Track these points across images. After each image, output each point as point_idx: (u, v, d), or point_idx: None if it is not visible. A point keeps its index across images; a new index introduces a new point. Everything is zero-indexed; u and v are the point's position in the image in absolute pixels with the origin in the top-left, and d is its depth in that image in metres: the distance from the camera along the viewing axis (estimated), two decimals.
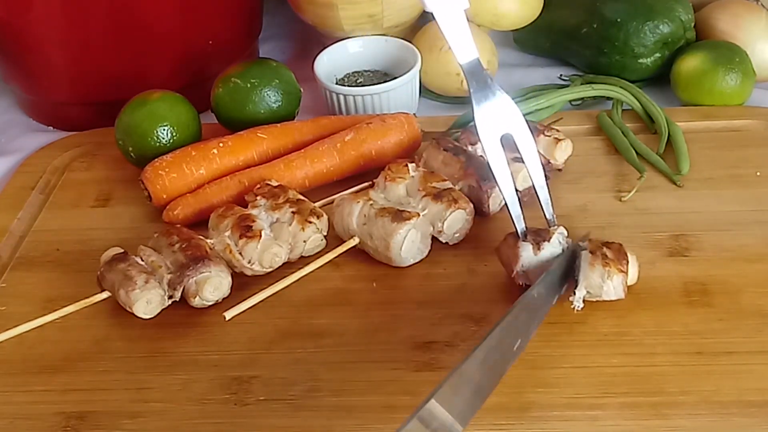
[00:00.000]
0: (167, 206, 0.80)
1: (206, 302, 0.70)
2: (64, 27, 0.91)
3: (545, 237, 0.69)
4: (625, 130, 0.86)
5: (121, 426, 0.62)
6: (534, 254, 0.68)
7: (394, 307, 0.70)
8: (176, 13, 0.92)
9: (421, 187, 0.74)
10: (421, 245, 0.73)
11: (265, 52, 1.09)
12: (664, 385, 0.61)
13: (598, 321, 0.66)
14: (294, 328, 0.69)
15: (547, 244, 0.68)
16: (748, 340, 0.64)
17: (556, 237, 0.69)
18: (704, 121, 0.87)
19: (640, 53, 0.94)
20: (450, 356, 0.65)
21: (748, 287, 0.68)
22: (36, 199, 0.86)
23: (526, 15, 0.99)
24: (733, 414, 0.59)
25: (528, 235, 0.69)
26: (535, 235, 0.69)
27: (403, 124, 0.84)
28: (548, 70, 1.02)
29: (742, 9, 0.96)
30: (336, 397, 0.63)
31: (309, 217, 0.73)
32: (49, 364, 0.67)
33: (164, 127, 0.84)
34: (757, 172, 0.80)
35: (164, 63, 0.94)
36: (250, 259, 0.71)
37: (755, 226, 0.74)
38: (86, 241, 0.79)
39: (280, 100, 0.87)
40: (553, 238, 0.69)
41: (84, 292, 0.70)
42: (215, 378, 0.65)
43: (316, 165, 0.81)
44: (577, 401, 0.61)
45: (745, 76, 0.90)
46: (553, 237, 0.69)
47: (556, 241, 0.69)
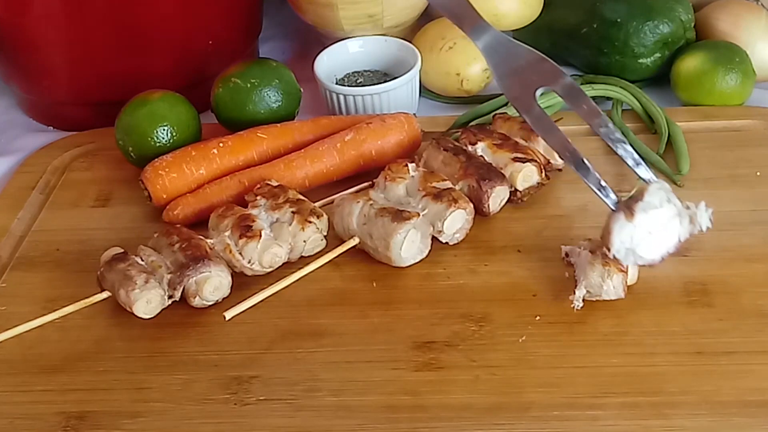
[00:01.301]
0: (167, 206, 0.80)
1: (206, 302, 0.70)
2: (64, 27, 0.91)
3: (638, 197, 0.56)
4: (625, 130, 0.86)
5: (121, 426, 0.62)
6: (627, 221, 0.56)
7: (394, 307, 0.70)
8: (176, 13, 0.92)
9: (421, 187, 0.74)
10: (421, 245, 0.73)
11: (265, 52, 1.09)
12: (664, 385, 0.61)
13: (598, 321, 0.66)
14: (294, 328, 0.69)
15: (644, 205, 0.56)
16: (748, 340, 0.64)
17: (655, 194, 0.56)
18: (704, 121, 0.87)
19: (640, 53, 0.94)
20: (450, 356, 0.65)
21: (748, 287, 0.68)
22: (36, 199, 0.86)
23: (526, 15, 0.99)
24: (733, 414, 0.59)
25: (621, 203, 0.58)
26: (627, 200, 0.56)
27: (403, 124, 0.84)
28: None
29: (742, 9, 0.96)
30: (336, 397, 0.63)
31: (309, 217, 0.73)
32: (49, 364, 0.67)
33: (164, 127, 0.84)
34: (757, 172, 0.80)
35: (164, 63, 0.94)
36: (250, 259, 0.71)
37: (755, 226, 0.74)
38: (86, 241, 0.79)
39: (280, 100, 0.87)
40: (650, 195, 0.56)
41: (84, 292, 0.70)
42: (215, 378, 0.65)
43: (316, 165, 0.81)
44: (577, 401, 0.61)
45: (745, 76, 0.90)
46: (650, 194, 0.56)
47: (656, 200, 0.56)
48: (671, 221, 0.58)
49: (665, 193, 0.58)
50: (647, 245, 0.59)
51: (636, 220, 0.56)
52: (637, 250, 0.58)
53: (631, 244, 0.58)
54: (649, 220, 0.57)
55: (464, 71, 0.94)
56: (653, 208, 0.57)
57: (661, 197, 0.58)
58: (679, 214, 0.59)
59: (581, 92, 0.65)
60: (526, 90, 0.64)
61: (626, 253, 0.58)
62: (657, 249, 0.60)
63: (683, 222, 0.59)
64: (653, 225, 0.57)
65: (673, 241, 0.60)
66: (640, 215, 0.56)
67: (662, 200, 0.58)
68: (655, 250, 0.60)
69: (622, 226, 0.57)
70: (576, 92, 0.65)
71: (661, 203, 0.58)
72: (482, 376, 0.63)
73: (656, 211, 0.57)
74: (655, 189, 0.57)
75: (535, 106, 0.64)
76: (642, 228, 0.57)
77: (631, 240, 0.57)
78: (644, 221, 0.57)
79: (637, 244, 0.58)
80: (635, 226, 0.56)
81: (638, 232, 0.57)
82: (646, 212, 0.57)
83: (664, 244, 0.60)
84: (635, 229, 0.57)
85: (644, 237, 0.57)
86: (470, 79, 0.94)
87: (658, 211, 0.57)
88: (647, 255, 0.59)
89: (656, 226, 0.57)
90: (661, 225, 0.58)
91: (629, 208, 0.56)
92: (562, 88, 0.64)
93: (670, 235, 0.60)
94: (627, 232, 0.57)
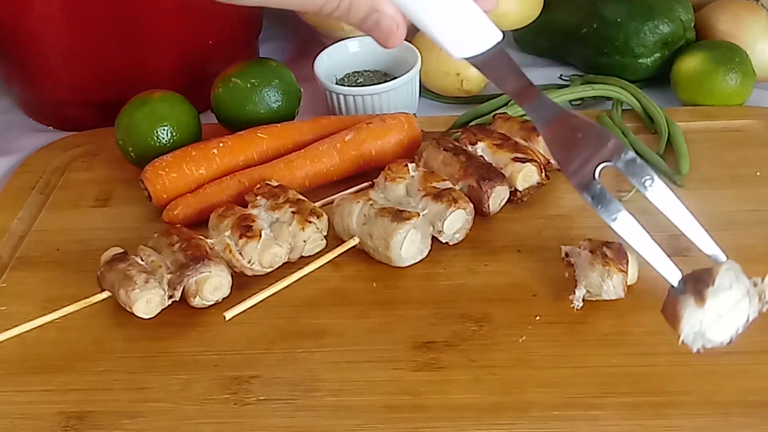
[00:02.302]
0: (167, 206, 0.80)
1: (206, 302, 0.70)
2: (64, 27, 0.91)
3: (707, 280, 0.53)
4: (625, 130, 0.86)
5: (121, 426, 0.62)
6: (698, 307, 0.54)
7: (394, 307, 0.70)
8: (176, 13, 0.92)
9: (421, 187, 0.74)
10: (421, 245, 0.73)
11: (265, 52, 1.09)
12: (664, 385, 0.61)
13: (598, 321, 0.66)
14: (294, 328, 0.69)
15: (715, 290, 0.53)
16: (748, 340, 0.64)
17: (725, 276, 0.54)
18: (704, 121, 0.87)
19: (640, 53, 0.94)
20: (450, 356, 0.65)
21: None
22: (36, 199, 0.86)
23: (526, 15, 0.99)
24: (733, 414, 0.59)
25: (686, 283, 0.54)
26: (694, 281, 0.54)
27: (403, 124, 0.84)
28: (548, 70, 1.02)
29: (742, 9, 0.96)
30: (336, 397, 0.63)
31: (309, 217, 0.73)
32: (49, 364, 0.67)
33: (164, 127, 0.83)
34: (757, 172, 0.80)
35: (164, 63, 0.94)
36: (250, 259, 0.71)
37: (755, 226, 0.74)
38: (86, 241, 0.79)
39: (280, 100, 0.87)
40: (720, 277, 0.53)
41: (84, 292, 0.70)
42: (215, 378, 0.65)
43: (316, 165, 0.81)
44: (577, 401, 0.61)
45: (745, 76, 0.90)
46: (720, 276, 0.53)
47: (726, 281, 0.54)
48: (741, 301, 0.56)
49: (735, 273, 0.55)
50: (717, 328, 0.57)
51: (707, 305, 0.54)
52: (707, 334, 0.56)
53: (700, 329, 0.56)
54: (719, 303, 0.55)
55: (464, 71, 0.94)
56: (723, 291, 0.55)
57: (731, 278, 0.55)
58: (749, 292, 0.56)
59: (644, 167, 0.58)
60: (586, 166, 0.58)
61: (695, 337, 0.56)
62: (727, 331, 0.57)
63: (753, 301, 0.57)
64: (723, 308, 0.55)
65: (743, 321, 0.57)
66: (710, 300, 0.54)
67: (732, 281, 0.55)
68: (725, 332, 0.57)
69: (692, 312, 0.55)
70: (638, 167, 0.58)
71: (731, 285, 0.55)
72: (482, 376, 0.63)
73: (726, 293, 0.55)
74: (725, 270, 0.55)
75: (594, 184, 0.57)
76: (712, 311, 0.55)
77: (700, 325, 0.55)
78: (715, 305, 0.55)
79: (707, 328, 0.55)
80: (705, 311, 0.54)
81: (708, 316, 0.55)
82: (717, 296, 0.54)
83: (734, 325, 0.57)
84: (705, 314, 0.54)
85: (714, 320, 0.55)
86: (470, 79, 0.94)
87: (728, 293, 0.55)
88: (717, 338, 0.57)
89: (726, 308, 0.55)
90: (731, 307, 0.56)
91: (699, 293, 0.54)
92: (623, 164, 0.58)
93: (740, 315, 0.57)
94: (697, 318, 0.55)
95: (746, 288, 0.55)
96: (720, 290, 0.53)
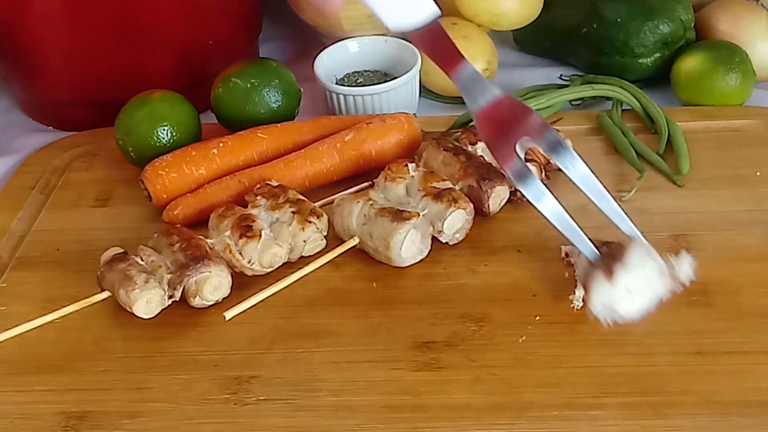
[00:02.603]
0: (167, 206, 0.80)
1: (206, 302, 0.70)
2: (64, 27, 0.91)
3: (619, 257, 0.55)
4: (625, 130, 0.86)
5: (121, 426, 0.62)
6: (607, 282, 0.55)
7: (394, 307, 0.70)
8: (176, 13, 0.92)
9: (421, 187, 0.74)
10: (421, 245, 0.73)
11: (265, 52, 1.09)
12: (664, 385, 0.61)
13: (598, 321, 0.66)
14: (294, 328, 0.69)
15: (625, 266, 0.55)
16: (748, 340, 0.64)
17: (637, 253, 0.56)
18: (704, 121, 0.87)
19: (640, 53, 0.94)
20: (450, 356, 0.65)
21: (748, 287, 0.68)
22: (36, 199, 0.86)
23: (526, 15, 0.99)
24: (733, 414, 0.59)
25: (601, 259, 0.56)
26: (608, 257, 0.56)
27: (403, 124, 0.83)
28: (548, 70, 1.02)
29: (742, 9, 0.96)
30: (336, 397, 0.63)
31: (309, 217, 0.73)
32: (49, 364, 0.67)
33: (164, 127, 0.83)
34: (757, 172, 0.80)
35: (164, 63, 0.94)
36: (250, 259, 0.71)
37: (755, 226, 0.74)
38: (86, 241, 0.79)
39: (280, 100, 0.87)
40: (631, 255, 0.56)
41: (84, 292, 0.70)
42: (215, 378, 0.65)
43: (316, 165, 0.81)
44: (577, 401, 0.61)
45: (745, 76, 0.90)
46: (631, 254, 0.56)
47: (637, 259, 0.56)
48: (652, 279, 0.57)
49: (647, 251, 0.57)
50: (627, 304, 0.58)
51: (616, 280, 0.56)
52: (617, 309, 0.58)
53: (610, 302, 0.58)
54: (629, 279, 0.57)
55: None
56: (634, 268, 0.57)
57: (643, 255, 0.57)
58: (661, 271, 0.58)
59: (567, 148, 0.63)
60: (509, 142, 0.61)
61: (604, 310, 0.58)
62: (637, 307, 0.60)
63: (664, 279, 0.58)
64: (633, 284, 0.57)
65: (654, 299, 0.60)
66: (620, 276, 0.56)
67: (644, 258, 0.57)
68: (635, 309, 0.59)
69: (601, 286, 0.57)
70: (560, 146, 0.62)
71: (642, 262, 0.57)
72: (482, 376, 0.63)
73: (637, 270, 0.57)
74: (637, 248, 0.57)
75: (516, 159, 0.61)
76: (622, 287, 0.56)
77: (610, 299, 0.57)
78: (624, 281, 0.56)
79: (617, 302, 0.57)
80: (615, 286, 0.56)
81: (618, 291, 0.57)
82: (627, 272, 0.56)
83: (645, 303, 0.60)
84: (614, 289, 0.56)
85: (624, 296, 0.57)
86: None
87: (639, 270, 0.57)
88: (627, 314, 0.59)
89: (637, 284, 0.57)
90: (641, 283, 0.57)
91: (609, 268, 0.56)
92: (546, 142, 0.62)
93: (651, 293, 0.59)
94: (606, 292, 0.57)
95: (658, 266, 0.56)
96: (630, 267, 0.55)
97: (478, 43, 0.95)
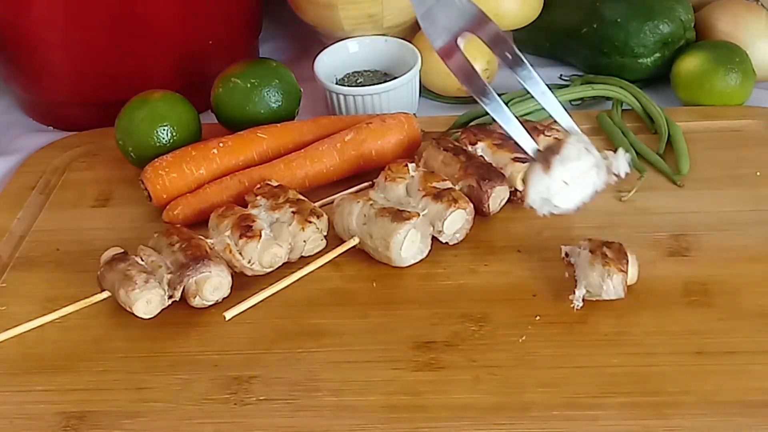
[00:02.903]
0: (167, 206, 0.80)
1: (206, 302, 0.70)
2: (64, 27, 0.91)
3: (556, 150, 0.56)
4: (625, 130, 0.86)
5: (121, 426, 0.62)
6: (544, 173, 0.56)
7: (394, 307, 0.70)
8: (176, 13, 0.92)
9: (421, 187, 0.74)
10: (421, 245, 0.73)
11: (265, 52, 1.09)
12: (664, 385, 0.61)
13: (598, 321, 0.66)
14: (294, 328, 0.69)
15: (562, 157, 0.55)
16: (748, 340, 0.64)
17: (574, 146, 0.56)
18: (704, 121, 0.87)
19: (640, 53, 0.94)
20: (450, 356, 0.65)
21: (748, 287, 0.68)
22: (36, 199, 0.86)
23: (526, 15, 0.99)
24: (733, 414, 0.59)
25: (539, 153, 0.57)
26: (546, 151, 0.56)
27: (403, 124, 0.84)
28: (548, 70, 1.02)
29: (742, 9, 0.96)
30: (336, 397, 0.63)
31: (309, 217, 0.73)
32: (49, 364, 0.67)
33: (164, 127, 0.84)
34: (757, 172, 0.80)
35: (164, 63, 0.94)
36: (250, 259, 0.71)
37: (755, 226, 0.74)
38: (86, 241, 0.79)
39: (280, 100, 0.87)
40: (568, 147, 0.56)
41: (84, 292, 0.70)
42: (215, 378, 0.65)
43: (316, 165, 0.81)
44: (577, 401, 0.61)
45: (745, 76, 0.90)
46: (568, 146, 0.56)
47: (574, 152, 0.56)
48: (588, 172, 0.58)
49: (584, 145, 0.58)
50: (563, 196, 0.60)
51: (553, 171, 0.57)
52: (553, 200, 0.59)
53: (547, 195, 0.59)
54: (566, 171, 0.58)
55: None
56: (571, 160, 0.58)
57: (580, 148, 0.58)
58: (597, 164, 0.59)
59: (506, 41, 0.64)
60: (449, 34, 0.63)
61: (542, 203, 0.59)
62: (573, 199, 0.61)
63: (600, 172, 0.59)
64: (570, 176, 0.58)
65: (590, 191, 0.61)
66: (557, 167, 0.57)
67: (580, 152, 0.58)
68: (571, 201, 0.61)
69: (538, 177, 0.57)
70: (501, 40, 0.64)
71: (579, 155, 0.58)
72: (482, 376, 0.63)
73: (574, 163, 0.58)
74: (574, 141, 0.58)
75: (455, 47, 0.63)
76: (559, 179, 0.57)
77: (547, 190, 0.58)
78: (561, 173, 0.57)
79: (554, 194, 0.58)
80: (552, 177, 0.57)
81: (555, 183, 0.58)
82: (563, 164, 0.57)
83: (581, 195, 0.61)
84: (552, 181, 0.57)
85: (561, 188, 0.58)
86: None
87: (575, 162, 0.58)
88: (563, 205, 0.60)
89: (573, 176, 0.58)
90: (578, 176, 0.58)
91: (546, 159, 0.56)
92: (486, 35, 0.63)
93: (587, 185, 0.60)
94: (544, 184, 0.57)
95: (595, 160, 0.56)
96: (567, 159, 0.55)
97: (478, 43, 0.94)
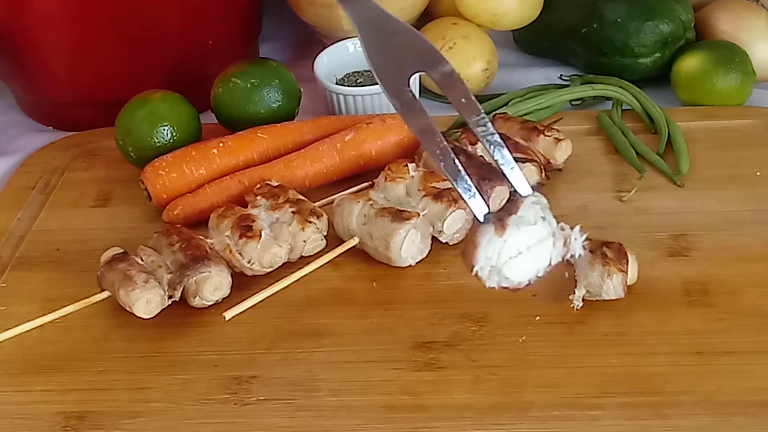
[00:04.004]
0: (167, 206, 0.80)
1: (206, 302, 0.70)
2: (64, 27, 0.91)
3: (511, 210, 0.50)
4: (625, 130, 0.86)
5: (121, 426, 0.62)
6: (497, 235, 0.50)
7: (394, 307, 0.70)
8: (176, 13, 0.92)
9: (421, 187, 0.74)
10: (421, 245, 0.73)
11: (265, 52, 1.09)
12: (664, 385, 0.61)
13: (598, 321, 0.66)
14: (294, 328, 0.69)
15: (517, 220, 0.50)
16: (748, 340, 0.64)
17: (531, 209, 0.50)
18: (704, 121, 0.87)
19: (640, 53, 0.94)
20: (450, 356, 0.65)
21: (748, 287, 0.68)
22: (36, 199, 0.86)
23: (526, 15, 0.99)
24: (733, 414, 0.59)
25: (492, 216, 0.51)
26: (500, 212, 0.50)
27: (403, 124, 0.83)
28: (548, 70, 1.02)
29: (742, 9, 0.96)
30: (336, 397, 0.63)
31: (309, 217, 0.73)
32: (49, 364, 0.67)
33: (164, 127, 0.84)
34: (757, 172, 0.80)
35: (164, 63, 0.94)
36: (250, 259, 0.71)
37: (755, 226, 0.74)
38: (86, 241, 0.79)
39: (280, 100, 0.87)
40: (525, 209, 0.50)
41: (84, 292, 0.70)
42: (215, 378, 0.65)
43: (316, 165, 0.81)
44: (577, 401, 0.61)
45: (745, 76, 0.90)
46: (525, 208, 0.50)
47: (531, 216, 0.50)
48: (545, 241, 0.53)
49: (541, 210, 0.52)
50: (515, 265, 0.53)
51: (507, 235, 0.50)
52: (504, 270, 0.53)
53: (497, 262, 0.52)
54: (521, 237, 0.52)
55: (464, 71, 0.94)
56: (527, 224, 0.52)
57: (537, 213, 0.52)
58: (554, 234, 0.54)
59: (461, 82, 0.58)
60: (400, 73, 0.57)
61: (491, 271, 0.52)
62: (526, 271, 0.54)
63: (557, 244, 0.54)
64: (524, 243, 0.52)
65: (544, 264, 0.55)
66: (511, 230, 0.51)
67: (537, 217, 0.52)
68: (523, 272, 0.54)
69: (490, 240, 0.51)
70: (454, 82, 0.58)
71: (535, 220, 0.52)
72: (482, 376, 0.63)
73: (529, 228, 0.52)
74: (531, 203, 0.52)
75: (406, 91, 0.57)
76: (512, 245, 0.52)
77: (498, 257, 0.52)
78: (515, 238, 0.51)
79: (504, 262, 0.52)
80: (505, 241, 0.51)
81: (507, 249, 0.51)
82: (519, 228, 0.51)
83: (535, 266, 0.54)
84: (504, 246, 0.51)
85: (513, 256, 0.52)
86: (470, 79, 0.94)
87: (531, 228, 0.52)
88: (514, 276, 0.54)
89: (528, 244, 0.52)
90: (533, 244, 0.53)
91: (501, 220, 0.50)
92: (440, 76, 0.58)
93: (543, 256, 0.55)
94: (494, 248, 0.51)
95: (552, 229, 0.51)
96: (523, 223, 0.50)
97: (478, 43, 0.95)
